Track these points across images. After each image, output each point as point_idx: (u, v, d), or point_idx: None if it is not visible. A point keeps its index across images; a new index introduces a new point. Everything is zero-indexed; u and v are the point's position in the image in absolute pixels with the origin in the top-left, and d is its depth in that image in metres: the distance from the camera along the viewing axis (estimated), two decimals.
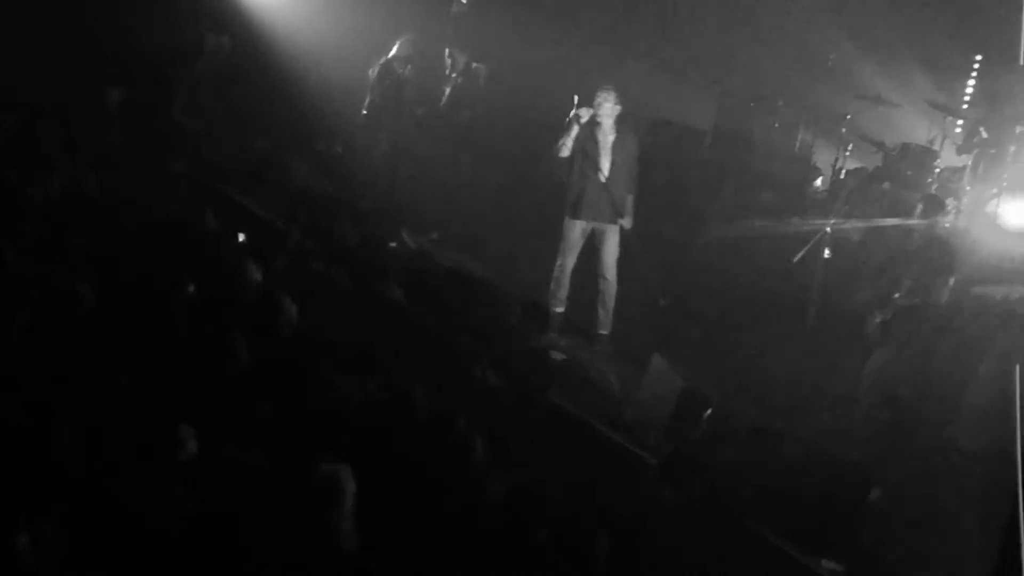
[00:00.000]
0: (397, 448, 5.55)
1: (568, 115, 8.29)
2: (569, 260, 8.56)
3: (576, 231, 8.50)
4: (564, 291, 8.63)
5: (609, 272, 8.52)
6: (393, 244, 9.38)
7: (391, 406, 5.92)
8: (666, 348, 7.68)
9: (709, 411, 6.30)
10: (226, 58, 11.62)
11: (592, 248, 8.58)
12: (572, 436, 7.22)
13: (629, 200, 8.51)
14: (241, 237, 7.82)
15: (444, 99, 12.18)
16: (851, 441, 7.11)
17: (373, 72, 11.23)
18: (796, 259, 7.67)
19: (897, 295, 7.00)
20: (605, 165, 8.36)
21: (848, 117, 10.80)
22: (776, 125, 11.58)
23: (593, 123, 8.32)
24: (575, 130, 8.27)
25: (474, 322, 8.17)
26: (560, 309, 8.60)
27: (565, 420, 7.32)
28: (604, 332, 8.55)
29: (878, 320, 7.06)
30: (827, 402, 7.78)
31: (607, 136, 8.40)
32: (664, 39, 11.79)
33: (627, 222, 8.51)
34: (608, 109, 8.31)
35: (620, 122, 8.42)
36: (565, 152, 8.35)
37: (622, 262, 8.67)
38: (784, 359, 8.21)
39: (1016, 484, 4.45)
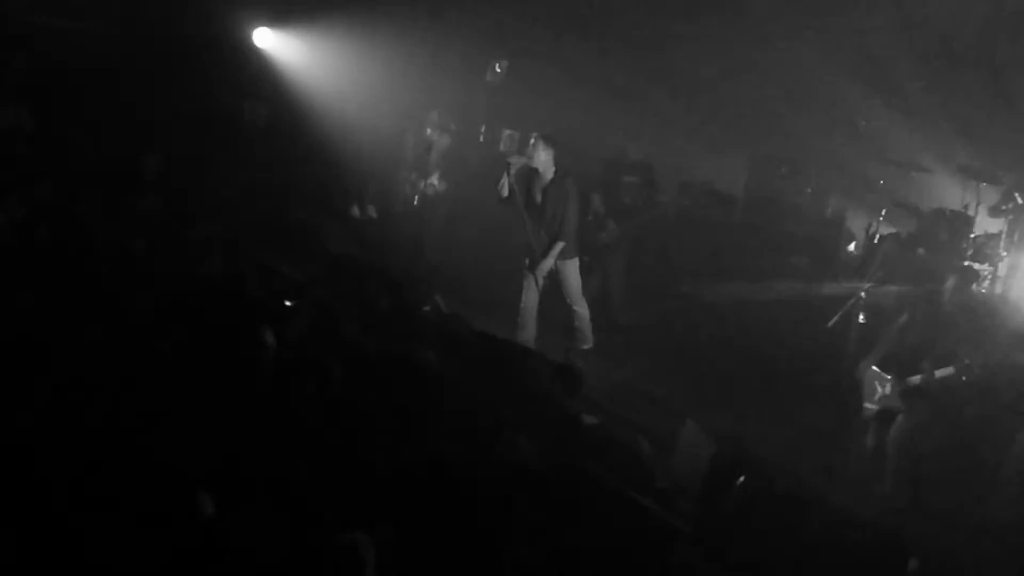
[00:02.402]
0: (428, 516, 5.54)
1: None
2: (530, 299, 9.09)
3: (532, 267, 9.07)
4: (527, 332, 9.09)
5: (577, 302, 9.11)
6: (426, 308, 9.43)
7: (423, 472, 5.92)
8: (698, 412, 7.64)
9: (742, 478, 6.22)
10: (263, 125, 11.85)
11: (556, 283, 9.12)
12: (602, 501, 7.16)
13: (557, 245, 9.01)
14: (287, 303, 7.91)
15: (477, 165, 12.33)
16: (885, 510, 7.01)
17: (407, 139, 11.42)
18: (831, 323, 7.61)
19: (925, 362, 6.93)
20: (536, 207, 8.98)
21: (882, 183, 10.79)
22: (808, 190, 11.59)
23: (532, 169, 8.93)
24: (505, 175, 8.85)
25: (505, 386, 8.18)
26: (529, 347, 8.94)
27: (595, 485, 7.26)
28: (587, 347, 9.06)
29: (898, 388, 6.98)
30: (861, 469, 7.68)
31: (543, 181, 8.95)
32: (696, 104, 11.87)
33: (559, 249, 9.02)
34: (540, 156, 8.88)
35: (558, 169, 8.96)
36: (503, 193, 8.94)
37: (652, 322, 9.14)
38: (819, 424, 8.12)
39: None
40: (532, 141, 8.91)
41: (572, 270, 9.07)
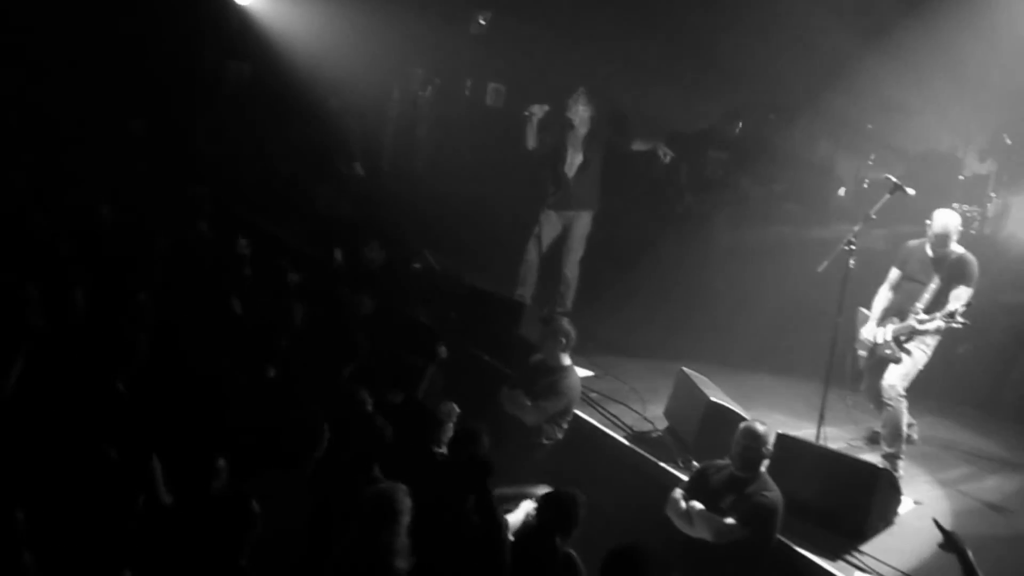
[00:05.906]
0: (422, 469, 5.59)
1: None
2: (534, 251, 8.97)
3: (546, 222, 8.95)
4: (527, 288, 9.02)
5: (572, 259, 8.98)
6: (417, 265, 9.43)
7: (418, 424, 5.98)
8: (690, 361, 7.66)
9: (742, 425, 6.24)
10: (247, 85, 11.78)
11: (562, 238, 9.00)
12: (598, 451, 7.21)
13: (594, 194, 8.96)
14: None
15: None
16: (880, 449, 7.07)
17: (393, 95, 11.36)
18: (820, 269, 7.59)
19: (918, 305, 6.94)
20: (574, 161, 8.83)
21: (870, 127, 10.74)
22: (796, 135, 11.54)
23: (566, 122, 8.78)
24: (528, 126, 8.73)
25: (498, 339, 8.21)
26: (526, 302, 8.89)
27: (591, 435, 7.31)
28: (562, 310, 8.83)
29: (890, 334, 7.00)
30: (857, 413, 7.74)
31: (577, 134, 8.82)
32: (680, 52, 11.77)
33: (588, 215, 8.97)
34: (581, 109, 8.76)
35: (592, 123, 8.83)
36: (530, 145, 8.82)
37: (641, 273, 9.32)
38: (811, 370, 8.16)
39: None
40: (575, 95, 8.80)
41: (587, 221, 9.00)
